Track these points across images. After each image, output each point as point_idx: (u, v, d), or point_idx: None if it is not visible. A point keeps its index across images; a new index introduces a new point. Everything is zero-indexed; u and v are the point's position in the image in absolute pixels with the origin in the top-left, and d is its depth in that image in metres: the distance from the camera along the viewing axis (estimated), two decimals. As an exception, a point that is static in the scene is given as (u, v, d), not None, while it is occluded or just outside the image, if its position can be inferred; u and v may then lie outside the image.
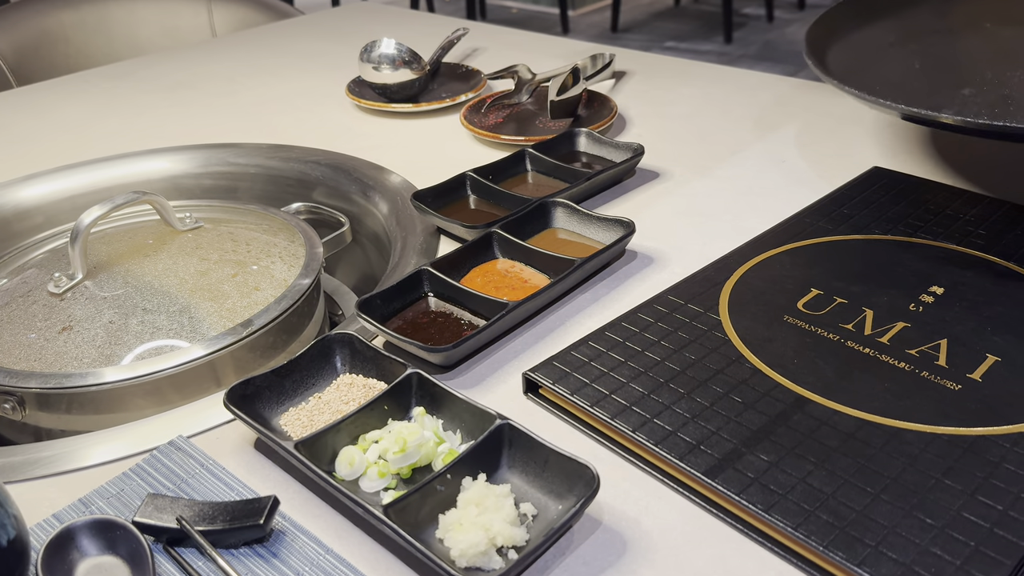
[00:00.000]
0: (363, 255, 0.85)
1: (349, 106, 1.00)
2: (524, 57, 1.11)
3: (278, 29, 1.34)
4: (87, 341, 0.60)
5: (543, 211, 0.68)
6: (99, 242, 0.70)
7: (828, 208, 0.68)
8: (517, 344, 0.57)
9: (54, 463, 0.49)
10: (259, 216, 0.76)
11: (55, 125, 1.00)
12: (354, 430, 0.48)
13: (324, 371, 0.53)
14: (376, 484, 0.45)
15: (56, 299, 0.64)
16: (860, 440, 0.45)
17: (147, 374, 0.58)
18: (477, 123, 0.88)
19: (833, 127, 0.85)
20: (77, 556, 0.41)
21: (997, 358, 0.50)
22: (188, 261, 0.68)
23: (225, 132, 0.95)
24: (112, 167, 0.88)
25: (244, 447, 0.50)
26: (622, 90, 0.99)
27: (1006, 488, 0.41)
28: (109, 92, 1.10)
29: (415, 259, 0.68)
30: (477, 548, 0.40)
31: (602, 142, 0.80)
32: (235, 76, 1.13)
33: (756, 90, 0.96)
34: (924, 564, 0.38)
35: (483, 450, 0.45)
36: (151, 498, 0.44)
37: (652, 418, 0.47)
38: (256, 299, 0.65)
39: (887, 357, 0.51)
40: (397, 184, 0.80)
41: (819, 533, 0.40)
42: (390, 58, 0.95)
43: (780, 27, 3.77)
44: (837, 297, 0.56)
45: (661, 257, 0.65)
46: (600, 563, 0.41)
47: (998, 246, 0.61)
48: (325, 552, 0.42)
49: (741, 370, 0.50)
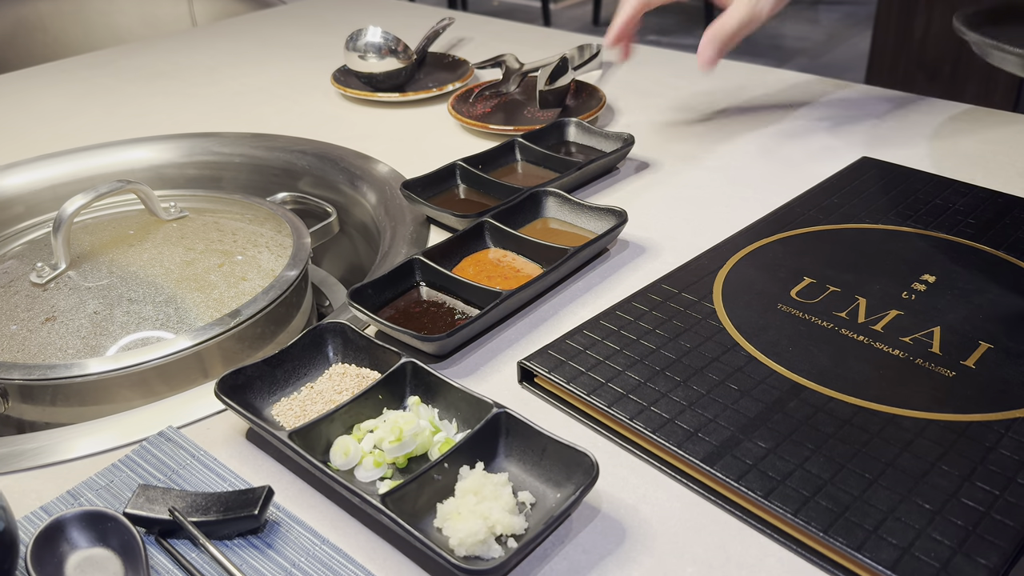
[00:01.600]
0: (351, 246, 0.85)
1: (335, 95, 0.99)
2: (511, 47, 1.10)
3: (261, 18, 1.33)
4: (71, 332, 0.59)
5: (535, 200, 0.68)
6: (82, 232, 0.69)
7: (818, 198, 0.68)
8: (511, 333, 0.56)
9: (40, 455, 0.48)
10: (244, 206, 0.75)
11: (34, 114, 0.98)
12: (348, 420, 0.47)
13: (316, 361, 0.53)
14: (372, 474, 0.44)
15: (39, 289, 0.63)
16: (857, 426, 0.45)
17: (133, 365, 0.57)
18: (465, 112, 0.87)
19: (821, 118, 0.85)
20: (67, 548, 0.40)
21: (990, 345, 0.50)
22: (173, 251, 0.67)
23: (209, 122, 0.94)
24: (94, 156, 0.87)
25: (235, 438, 0.49)
26: (609, 81, 0.98)
27: (1001, 473, 0.42)
28: (89, 81, 1.08)
29: (405, 249, 0.67)
30: (476, 537, 0.39)
31: (592, 132, 0.80)
32: (218, 66, 1.11)
33: (743, 81, 0.96)
34: (923, 548, 0.38)
35: (480, 439, 0.44)
36: (142, 489, 0.43)
37: (649, 406, 0.47)
38: (243, 289, 0.64)
39: (881, 344, 0.51)
40: (385, 174, 0.80)
41: (819, 519, 0.40)
42: (376, 47, 0.94)
43: (760, 21, 3.78)
44: (830, 285, 0.56)
45: (653, 246, 0.65)
46: (599, 551, 0.41)
47: (988, 235, 0.61)
48: (321, 543, 0.42)
49: (736, 358, 0.50)
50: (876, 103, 0.88)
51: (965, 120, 0.83)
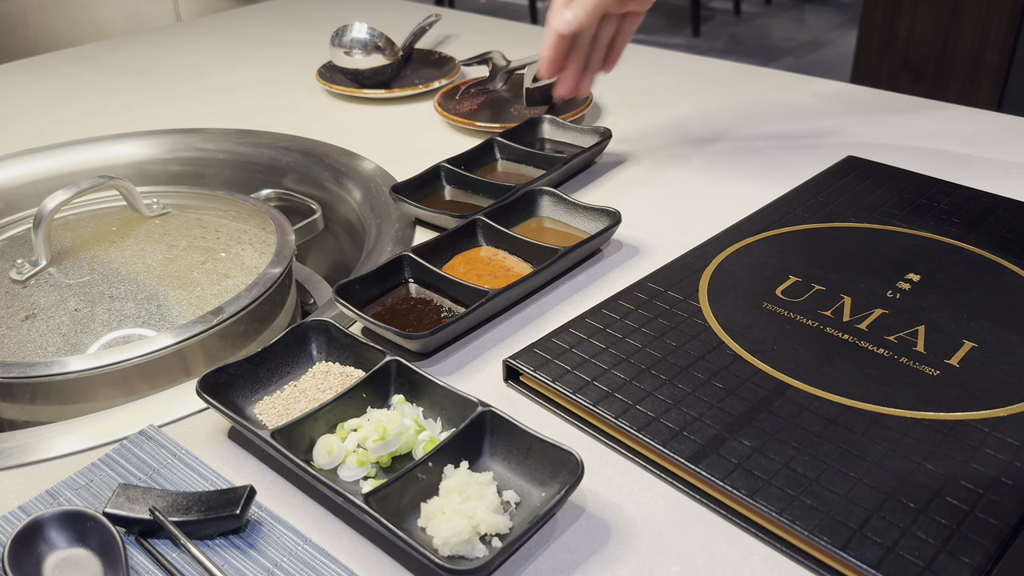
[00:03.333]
0: (335, 243, 0.84)
1: (320, 92, 0.98)
2: (497, 45, 1.10)
3: (245, 14, 1.32)
4: (52, 329, 0.58)
5: (529, 200, 0.67)
6: (63, 228, 0.68)
7: (804, 196, 0.68)
8: (497, 332, 0.56)
9: (18, 454, 0.48)
10: (228, 202, 0.74)
11: (15, 109, 0.97)
12: (332, 418, 0.47)
13: (299, 359, 0.52)
14: (355, 473, 0.44)
15: (19, 286, 0.62)
16: (842, 425, 0.45)
17: (115, 363, 0.57)
18: (451, 110, 0.87)
19: (806, 117, 0.86)
20: (45, 549, 0.39)
21: (974, 344, 0.50)
22: (156, 248, 0.66)
23: (192, 117, 0.93)
24: (76, 152, 0.86)
25: (217, 436, 0.48)
26: (595, 79, 0.98)
27: (985, 471, 0.42)
28: (72, 76, 1.07)
29: (390, 247, 0.67)
30: (460, 536, 0.39)
31: (566, 127, 0.80)
32: (202, 61, 1.10)
33: (729, 80, 0.96)
34: (907, 547, 0.38)
35: (465, 438, 0.44)
36: (122, 489, 0.42)
37: (635, 404, 0.47)
38: (226, 287, 0.63)
39: (866, 343, 0.51)
40: (370, 171, 0.79)
41: (803, 518, 0.39)
42: (362, 43, 0.93)
43: (747, 20, 3.80)
44: (815, 284, 0.56)
45: (640, 245, 0.65)
46: (584, 550, 0.41)
47: (972, 234, 0.62)
48: (303, 542, 0.41)
49: (722, 356, 0.50)
50: (861, 103, 0.88)
51: (949, 120, 0.83)
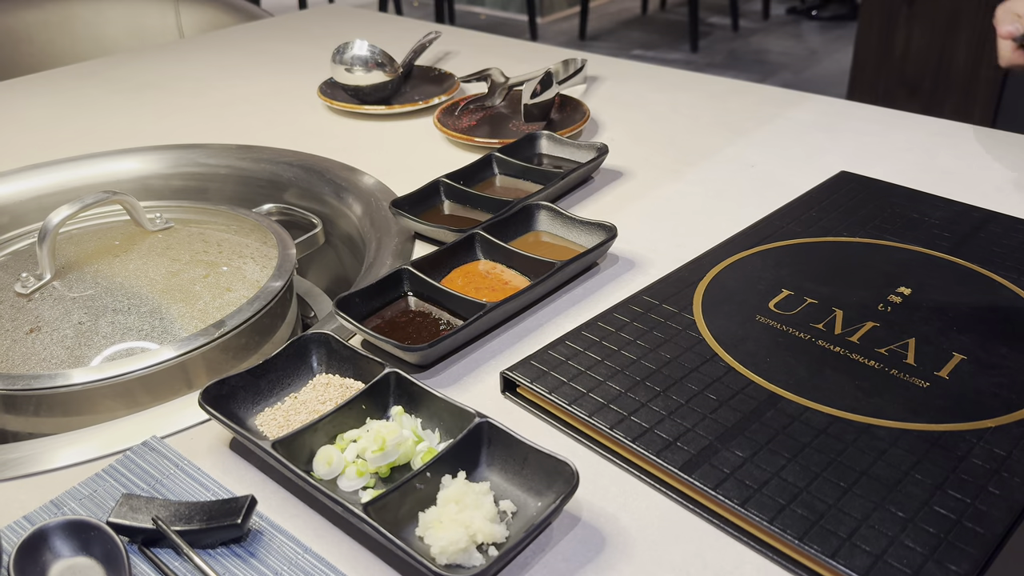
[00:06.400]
0: (336, 257, 0.85)
1: (321, 108, 1.00)
2: (496, 62, 1.11)
3: (247, 31, 1.33)
4: (56, 342, 0.59)
5: (527, 214, 0.68)
6: (67, 242, 0.69)
7: (797, 211, 0.69)
8: (495, 345, 0.57)
9: (23, 464, 0.48)
10: (230, 217, 0.75)
11: (20, 125, 0.99)
12: (332, 429, 0.48)
13: (300, 371, 0.53)
14: (355, 483, 0.45)
15: (23, 300, 0.63)
16: (832, 436, 0.46)
17: (118, 375, 0.57)
18: (451, 126, 0.88)
19: (800, 132, 0.87)
20: (50, 557, 0.40)
21: (963, 356, 0.51)
22: (159, 262, 0.67)
23: (195, 133, 0.94)
24: (80, 167, 0.87)
25: (219, 447, 0.49)
26: (593, 95, 0.99)
27: (973, 481, 0.42)
28: (75, 92, 1.08)
29: (390, 261, 0.67)
30: (457, 545, 0.40)
31: (563, 143, 0.81)
32: (204, 77, 1.12)
33: (725, 96, 0.98)
34: (896, 556, 0.39)
35: (462, 448, 0.45)
36: (125, 498, 0.43)
37: (629, 415, 0.47)
38: (228, 300, 0.64)
39: (857, 356, 0.52)
40: (371, 186, 0.80)
41: (794, 526, 0.40)
42: (363, 60, 0.95)
43: (745, 36, 3.82)
44: (807, 297, 0.57)
45: (636, 259, 0.66)
46: (579, 559, 0.41)
47: (963, 248, 0.63)
48: (304, 551, 0.42)
49: (715, 368, 0.51)
50: (857, 118, 0.90)
51: (944, 135, 0.85)
